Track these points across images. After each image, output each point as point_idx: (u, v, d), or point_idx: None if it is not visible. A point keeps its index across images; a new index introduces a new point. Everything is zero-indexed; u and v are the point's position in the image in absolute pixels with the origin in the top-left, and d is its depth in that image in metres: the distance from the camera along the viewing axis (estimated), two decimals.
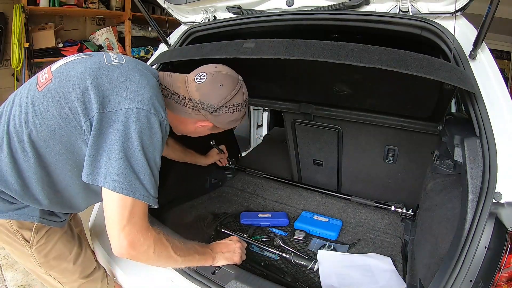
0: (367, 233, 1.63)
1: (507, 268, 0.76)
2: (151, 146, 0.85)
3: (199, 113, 1.03)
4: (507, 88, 0.97)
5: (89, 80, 0.86)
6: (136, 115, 0.83)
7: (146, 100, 0.85)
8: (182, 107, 1.02)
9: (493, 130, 0.90)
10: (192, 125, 1.08)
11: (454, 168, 1.22)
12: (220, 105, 1.01)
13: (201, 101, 1.01)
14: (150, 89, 0.89)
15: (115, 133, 0.82)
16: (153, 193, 0.86)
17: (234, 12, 1.46)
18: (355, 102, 1.48)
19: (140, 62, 1.00)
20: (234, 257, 1.15)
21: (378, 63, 0.89)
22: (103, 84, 0.86)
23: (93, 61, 0.92)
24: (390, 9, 1.17)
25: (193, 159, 1.71)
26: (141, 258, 0.90)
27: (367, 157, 1.76)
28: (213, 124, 1.07)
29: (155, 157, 0.86)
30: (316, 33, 1.37)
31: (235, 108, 1.04)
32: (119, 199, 0.82)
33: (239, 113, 1.06)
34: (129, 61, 0.95)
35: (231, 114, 1.04)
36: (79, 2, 3.64)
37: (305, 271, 1.35)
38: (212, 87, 1.01)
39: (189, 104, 1.02)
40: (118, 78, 0.87)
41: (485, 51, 1.03)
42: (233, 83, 1.03)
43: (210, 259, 1.09)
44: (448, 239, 0.97)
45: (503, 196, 0.83)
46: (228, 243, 1.19)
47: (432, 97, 1.18)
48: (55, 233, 1.06)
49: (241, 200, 1.95)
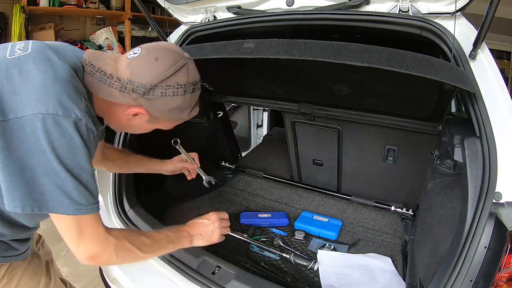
0: (367, 233, 1.63)
1: (507, 268, 0.76)
2: (70, 153, 0.72)
3: (129, 96, 0.82)
4: (507, 88, 0.97)
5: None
6: (42, 122, 0.68)
7: (52, 101, 0.70)
8: (108, 88, 0.82)
9: (493, 130, 0.90)
10: (122, 113, 0.87)
11: (454, 168, 1.22)
12: (154, 84, 0.80)
13: (130, 80, 0.81)
14: (57, 83, 0.72)
15: (23, 147, 0.69)
16: (86, 202, 0.76)
17: (234, 12, 1.46)
18: (355, 102, 1.48)
19: (54, 46, 0.82)
20: (213, 238, 1.11)
21: (378, 63, 0.89)
22: (3, 85, 0.71)
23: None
24: (390, 9, 1.17)
25: (147, 166, 1.38)
26: (104, 263, 0.89)
27: (367, 157, 1.76)
28: (149, 112, 0.85)
29: (80, 163, 0.74)
30: (316, 33, 1.37)
31: (175, 91, 0.82)
32: (58, 220, 0.77)
33: (182, 99, 0.84)
34: (35, 50, 0.78)
35: (170, 98, 0.82)
36: (79, 2, 3.64)
37: (305, 271, 1.35)
38: (145, 61, 0.81)
39: (116, 85, 0.82)
40: (19, 76, 0.72)
41: (485, 51, 1.03)
42: (173, 58, 0.83)
43: (187, 242, 1.05)
44: (448, 239, 0.97)
45: (503, 196, 0.83)
46: (205, 223, 1.12)
47: (432, 97, 1.18)
48: (18, 268, 0.94)
49: (241, 200, 1.95)
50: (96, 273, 2.13)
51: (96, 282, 2.14)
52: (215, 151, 2.15)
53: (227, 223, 1.19)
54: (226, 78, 1.71)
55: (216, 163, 2.15)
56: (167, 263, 1.16)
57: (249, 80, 1.64)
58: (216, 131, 2.16)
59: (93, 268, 2.23)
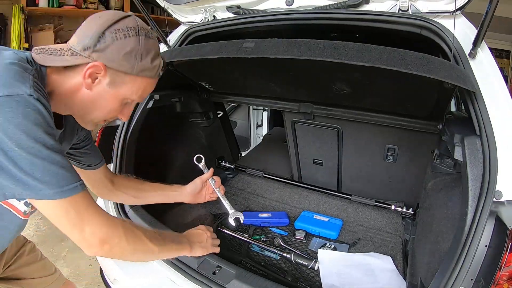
0: (367, 232, 1.63)
1: (508, 267, 0.77)
2: (29, 134, 0.65)
3: (81, 56, 0.76)
4: (506, 87, 0.97)
5: None
6: (14, 104, 0.63)
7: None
8: (59, 57, 0.78)
9: (493, 128, 0.90)
10: (79, 78, 0.78)
11: (454, 167, 1.22)
12: (101, 31, 0.76)
13: (78, 41, 0.77)
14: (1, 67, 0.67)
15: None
16: (66, 182, 0.69)
17: (234, 12, 1.46)
18: (355, 101, 1.48)
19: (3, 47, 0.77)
20: (208, 246, 1.14)
21: (378, 62, 0.89)
22: None
23: None
24: (390, 8, 1.18)
25: (164, 192, 1.30)
26: (116, 253, 0.80)
27: (367, 156, 1.76)
28: (104, 64, 0.77)
29: (44, 141, 0.66)
30: (315, 33, 1.37)
31: (125, 33, 0.77)
32: (49, 209, 0.70)
33: (136, 40, 0.78)
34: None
35: (122, 41, 0.76)
36: (78, 3, 3.65)
37: (306, 270, 1.35)
38: (89, 21, 0.79)
39: (67, 52, 0.78)
40: None
41: (484, 50, 1.03)
42: (115, 12, 0.81)
43: (188, 248, 1.06)
44: (448, 237, 0.97)
45: (504, 195, 0.83)
46: (200, 233, 1.16)
47: (432, 96, 1.18)
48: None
49: (241, 200, 1.95)
50: (97, 274, 2.13)
51: (97, 283, 2.14)
52: (215, 151, 2.15)
53: (215, 235, 1.22)
54: (226, 78, 1.71)
55: (216, 163, 2.15)
56: (168, 263, 1.16)
57: (249, 80, 1.64)
58: (216, 131, 2.16)
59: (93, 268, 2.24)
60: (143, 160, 1.65)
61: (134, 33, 0.78)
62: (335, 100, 1.56)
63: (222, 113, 2.20)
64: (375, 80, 1.20)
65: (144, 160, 1.65)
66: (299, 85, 1.52)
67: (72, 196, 0.70)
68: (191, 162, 1.36)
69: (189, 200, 1.33)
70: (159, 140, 1.85)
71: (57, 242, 2.51)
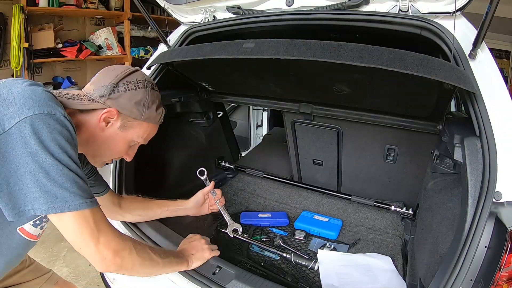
0: (367, 232, 1.63)
1: (507, 267, 0.77)
2: (62, 148, 0.72)
3: (97, 102, 0.88)
4: (506, 88, 0.97)
5: None
6: (30, 124, 0.69)
7: (35, 104, 0.72)
8: (78, 101, 0.88)
9: (493, 129, 0.90)
10: (94, 121, 0.89)
11: (454, 168, 1.22)
12: (116, 82, 0.89)
13: (95, 89, 0.90)
14: (36, 93, 0.74)
15: (18, 155, 0.69)
16: (87, 195, 0.75)
17: (234, 12, 1.46)
18: (355, 101, 1.48)
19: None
20: (205, 254, 1.15)
21: (378, 63, 0.89)
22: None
23: None
24: (390, 9, 1.17)
25: (169, 207, 1.36)
26: (127, 265, 0.83)
27: (367, 157, 1.76)
28: (118, 112, 0.89)
29: (73, 157, 0.74)
30: (315, 33, 1.37)
31: (136, 85, 0.91)
32: (66, 222, 0.73)
33: (145, 92, 0.92)
34: (7, 80, 0.80)
35: (133, 91, 0.90)
36: (79, 2, 3.64)
37: (306, 270, 1.35)
38: (104, 73, 0.93)
39: (85, 98, 0.89)
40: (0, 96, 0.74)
41: (484, 51, 1.03)
42: (127, 68, 0.95)
43: (185, 262, 1.09)
44: (448, 238, 0.97)
45: (503, 196, 0.83)
46: (194, 244, 1.18)
47: (432, 96, 1.18)
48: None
49: (241, 200, 1.95)
50: (96, 273, 2.14)
51: (96, 282, 2.14)
52: (215, 151, 2.15)
53: (210, 244, 1.23)
54: (226, 78, 1.71)
55: (216, 163, 2.15)
56: None
57: (249, 80, 1.64)
58: (216, 131, 2.16)
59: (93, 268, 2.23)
60: (143, 160, 1.65)
61: (143, 85, 0.93)
62: (335, 101, 1.56)
63: (222, 113, 2.20)
64: (375, 80, 1.20)
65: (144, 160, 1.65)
66: (299, 85, 1.52)
67: (92, 208, 0.76)
68: (191, 162, 1.37)
69: (192, 213, 1.41)
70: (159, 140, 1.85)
71: (56, 242, 2.51)
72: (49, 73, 3.81)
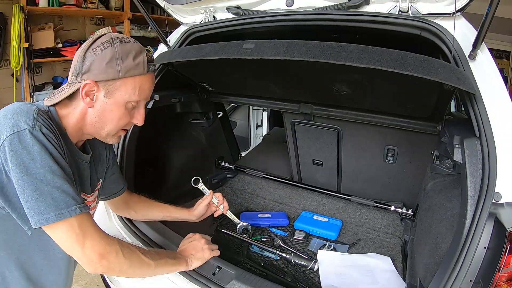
0: (367, 233, 1.64)
1: (507, 268, 0.77)
2: (36, 162, 0.74)
3: (74, 84, 0.86)
4: (506, 88, 0.98)
5: None
6: (8, 146, 0.73)
7: (7, 126, 0.74)
8: (61, 93, 0.89)
9: (492, 130, 0.90)
10: (81, 103, 0.88)
11: (453, 168, 1.22)
12: (82, 55, 0.85)
13: (71, 74, 0.89)
14: (8, 112, 0.77)
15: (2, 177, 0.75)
16: (65, 204, 0.76)
17: (234, 13, 1.46)
18: (355, 102, 1.48)
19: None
20: (205, 254, 1.14)
21: (378, 64, 0.89)
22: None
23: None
24: (390, 10, 1.17)
25: (170, 214, 1.37)
26: (114, 268, 0.85)
27: (366, 157, 1.76)
28: (94, 80, 0.85)
29: (51, 167, 0.75)
30: (315, 34, 1.37)
31: (102, 47, 0.85)
32: (54, 231, 0.77)
33: (112, 48, 0.85)
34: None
35: (100, 55, 0.84)
36: (79, 2, 3.64)
37: (305, 271, 1.35)
38: (74, 55, 0.89)
39: (66, 86, 0.89)
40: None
41: (484, 51, 1.03)
42: (91, 38, 0.90)
43: (184, 263, 1.08)
44: (447, 239, 0.97)
45: (503, 197, 0.83)
46: (194, 243, 1.17)
47: (432, 97, 1.18)
48: None
49: (241, 200, 1.95)
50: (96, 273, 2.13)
51: (96, 282, 2.14)
52: (215, 151, 2.15)
53: (211, 243, 1.23)
54: (226, 78, 1.71)
55: (216, 163, 2.15)
56: None
57: (249, 81, 1.64)
58: (216, 131, 2.16)
59: None
60: (143, 161, 1.65)
61: (109, 43, 0.86)
62: (335, 101, 1.56)
63: (222, 114, 2.20)
64: (375, 81, 1.20)
65: (144, 161, 1.65)
66: (299, 86, 1.52)
67: (76, 215, 0.77)
68: (191, 162, 1.37)
69: (196, 220, 1.41)
70: (159, 141, 1.85)
71: None
72: (49, 73, 3.81)
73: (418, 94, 1.22)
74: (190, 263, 1.10)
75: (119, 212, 1.34)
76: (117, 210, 1.32)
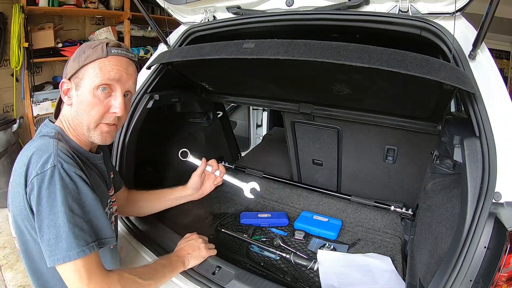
0: (366, 233, 1.64)
1: (507, 268, 0.77)
2: (58, 201, 0.79)
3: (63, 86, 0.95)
4: (506, 88, 0.98)
5: None
6: (36, 186, 0.79)
7: (34, 166, 0.80)
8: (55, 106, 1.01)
9: (492, 130, 0.90)
10: (64, 105, 0.97)
11: (453, 168, 1.22)
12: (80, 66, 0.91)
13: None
14: (32, 150, 0.83)
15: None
16: (84, 242, 0.80)
17: (234, 12, 1.46)
18: (355, 102, 1.48)
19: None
20: (202, 253, 1.15)
21: (378, 63, 0.89)
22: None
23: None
24: (390, 9, 1.17)
25: (166, 198, 1.32)
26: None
27: (366, 157, 1.76)
28: (66, 78, 0.94)
29: (69, 206, 0.79)
30: (315, 33, 1.37)
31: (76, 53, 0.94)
32: (63, 268, 0.80)
33: (77, 50, 0.94)
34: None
35: (71, 58, 0.95)
36: (79, 2, 3.64)
37: (305, 271, 1.35)
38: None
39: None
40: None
41: (484, 51, 1.03)
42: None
43: (181, 265, 1.09)
44: (447, 238, 0.97)
45: (503, 196, 0.83)
46: (190, 243, 1.18)
47: (432, 97, 1.18)
48: None
49: (241, 200, 1.95)
50: None
51: None
52: (214, 151, 2.15)
53: (206, 240, 1.23)
54: (226, 78, 1.71)
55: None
56: None
57: (249, 80, 1.64)
58: (216, 131, 2.16)
59: None
60: (143, 160, 1.65)
61: (78, 49, 0.95)
62: (335, 101, 1.56)
63: (221, 113, 2.20)
64: (375, 81, 1.20)
65: (143, 160, 1.65)
66: (299, 85, 1.52)
67: (84, 257, 0.80)
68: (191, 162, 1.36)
69: (196, 197, 1.33)
70: (158, 140, 1.85)
71: None
72: (49, 73, 3.81)
73: (418, 94, 1.21)
74: (187, 262, 1.11)
75: (125, 212, 1.32)
76: (123, 209, 1.29)
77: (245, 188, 1.34)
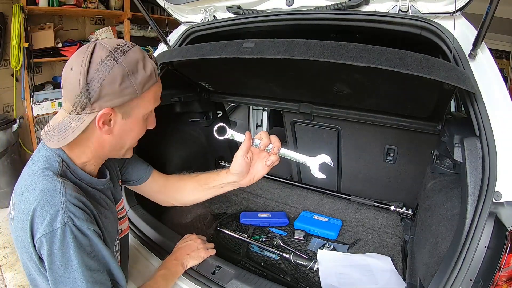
0: (366, 232, 1.63)
1: (507, 268, 0.77)
2: (71, 260, 0.72)
3: (85, 115, 0.76)
4: (506, 88, 0.97)
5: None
6: (46, 243, 0.71)
7: (41, 222, 0.71)
8: (69, 130, 0.77)
9: (492, 129, 0.90)
10: (97, 132, 0.80)
11: (453, 168, 1.22)
12: (84, 82, 0.72)
13: (73, 105, 0.75)
14: (34, 195, 0.73)
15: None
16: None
17: (234, 12, 1.46)
18: (355, 101, 1.48)
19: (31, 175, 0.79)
20: (200, 253, 1.14)
21: (378, 63, 0.89)
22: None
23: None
24: (390, 9, 1.17)
25: (218, 188, 1.12)
26: None
27: (366, 157, 1.76)
28: (109, 107, 0.75)
29: (87, 264, 0.73)
30: (315, 33, 1.37)
31: (105, 67, 0.73)
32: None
33: (119, 67, 0.73)
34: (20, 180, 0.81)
35: (108, 77, 0.72)
36: (78, 2, 3.64)
37: (305, 271, 1.35)
38: (67, 82, 0.76)
39: (71, 120, 0.77)
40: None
41: (484, 51, 1.03)
42: (81, 52, 0.75)
43: (180, 268, 1.08)
44: (448, 238, 0.97)
45: (503, 196, 0.83)
46: (189, 243, 1.17)
47: (432, 97, 1.18)
48: None
49: (241, 200, 1.95)
50: None
51: None
52: (215, 151, 2.15)
53: (207, 243, 1.22)
54: (226, 78, 1.71)
55: (216, 162, 2.15)
56: None
57: (249, 80, 1.64)
58: None
59: None
60: None
61: (112, 60, 0.73)
62: (335, 101, 1.56)
63: (222, 113, 2.20)
64: (375, 80, 1.20)
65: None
66: (299, 85, 1.52)
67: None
68: (191, 162, 1.36)
69: (244, 183, 1.07)
70: (158, 140, 1.85)
71: None
72: (49, 73, 3.81)
73: (418, 94, 1.21)
74: (185, 263, 1.10)
75: (164, 201, 1.22)
76: (159, 197, 1.21)
77: (312, 164, 1.02)
